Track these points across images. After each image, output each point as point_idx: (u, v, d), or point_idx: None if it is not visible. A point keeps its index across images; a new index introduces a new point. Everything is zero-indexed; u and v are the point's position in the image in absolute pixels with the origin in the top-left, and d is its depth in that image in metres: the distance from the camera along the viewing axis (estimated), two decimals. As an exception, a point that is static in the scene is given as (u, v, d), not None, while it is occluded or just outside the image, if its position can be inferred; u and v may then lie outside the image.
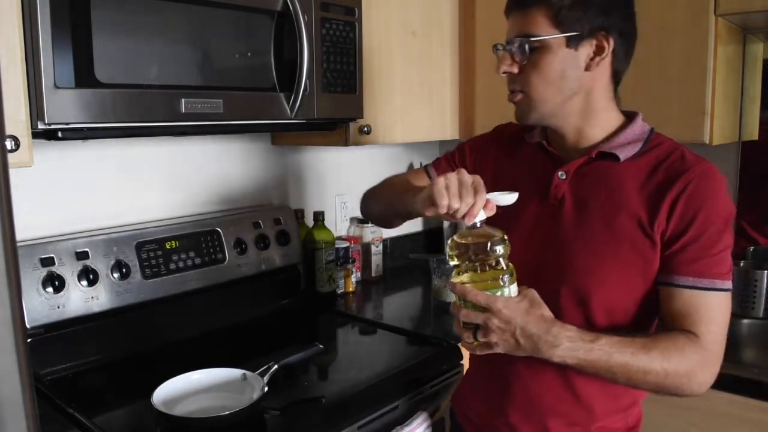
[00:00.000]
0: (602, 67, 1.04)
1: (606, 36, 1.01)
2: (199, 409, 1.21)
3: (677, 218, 0.99)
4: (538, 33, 1.01)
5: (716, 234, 0.99)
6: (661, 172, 1.02)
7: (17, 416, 0.57)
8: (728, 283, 1.00)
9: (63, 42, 1.06)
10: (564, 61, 1.01)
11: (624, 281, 1.03)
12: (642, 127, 1.08)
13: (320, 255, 1.89)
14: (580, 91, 1.04)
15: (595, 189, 1.06)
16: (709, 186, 1.00)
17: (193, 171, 1.75)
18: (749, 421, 1.39)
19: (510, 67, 1.05)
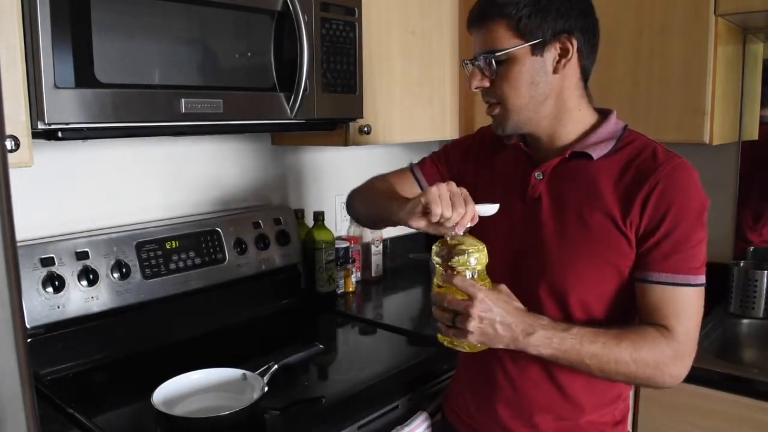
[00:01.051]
0: (570, 68, 1.06)
1: (568, 37, 1.03)
2: (199, 409, 1.21)
3: (649, 215, 1.01)
4: (502, 46, 1.03)
5: (688, 229, 1.01)
6: (633, 170, 1.04)
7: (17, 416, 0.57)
8: (701, 277, 1.03)
9: (63, 42, 1.06)
10: (532, 68, 1.04)
11: (600, 277, 1.06)
12: (615, 125, 1.10)
13: (320, 255, 1.89)
14: (551, 95, 1.06)
15: (570, 188, 1.08)
16: (679, 181, 1.02)
17: (193, 171, 1.75)
18: (749, 421, 1.39)
19: (481, 82, 1.08)
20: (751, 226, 1.99)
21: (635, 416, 1.55)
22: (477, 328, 0.98)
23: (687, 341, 1.02)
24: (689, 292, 1.02)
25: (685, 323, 1.02)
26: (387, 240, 2.26)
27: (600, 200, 1.05)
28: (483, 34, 1.06)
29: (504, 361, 1.12)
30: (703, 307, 1.04)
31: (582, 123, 1.10)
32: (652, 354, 1.00)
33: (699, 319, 1.04)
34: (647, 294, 1.03)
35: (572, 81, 1.07)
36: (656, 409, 1.52)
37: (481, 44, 1.07)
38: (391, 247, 2.29)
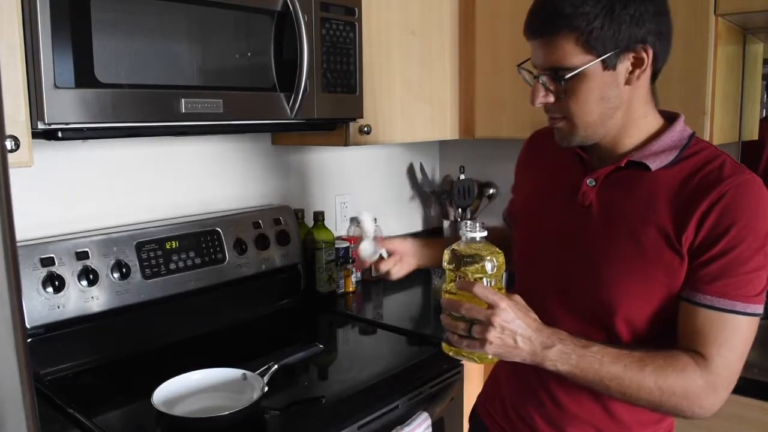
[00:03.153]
0: (643, 76, 0.98)
1: (644, 46, 0.94)
2: (199, 409, 1.21)
3: (706, 231, 0.93)
4: (571, 63, 0.94)
5: (749, 252, 0.92)
6: (695, 182, 0.96)
7: (17, 416, 0.57)
8: (754, 306, 0.93)
9: (63, 42, 1.06)
10: (603, 84, 0.95)
11: (648, 295, 0.99)
12: (681, 132, 1.01)
13: (320, 255, 1.89)
14: (621, 106, 0.99)
15: (622, 198, 1.01)
16: (747, 198, 0.93)
17: (193, 171, 1.75)
18: (749, 421, 1.39)
19: (545, 98, 1.00)
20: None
21: (635, 416, 1.55)
22: (498, 338, 0.92)
23: (725, 373, 0.94)
24: (736, 321, 0.93)
25: (726, 354, 0.93)
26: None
27: (655, 214, 0.97)
28: (546, 47, 0.96)
29: (544, 370, 1.02)
30: (751, 338, 0.95)
31: (646, 130, 1.02)
32: (680, 383, 0.93)
33: (743, 352, 0.95)
34: (689, 316, 0.95)
35: (643, 89, 1.00)
36: (656, 409, 1.52)
37: (544, 57, 0.97)
38: (391, 247, 2.29)
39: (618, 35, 0.92)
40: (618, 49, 0.93)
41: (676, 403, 0.94)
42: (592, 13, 0.91)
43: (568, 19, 0.92)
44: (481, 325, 0.93)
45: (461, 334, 0.96)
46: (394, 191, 2.38)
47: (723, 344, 0.93)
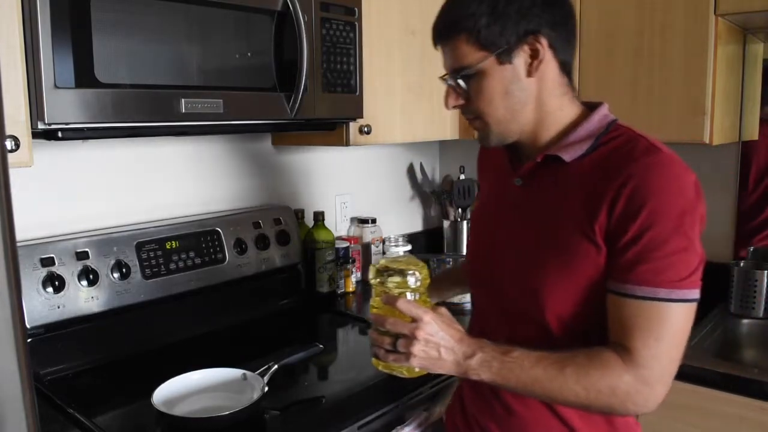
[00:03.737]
0: (545, 68, 0.98)
1: (536, 37, 0.95)
2: (199, 409, 1.21)
3: (618, 216, 0.91)
4: (468, 62, 0.97)
5: (664, 234, 0.89)
6: (605, 168, 0.94)
7: (17, 416, 0.57)
8: (681, 292, 0.89)
9: (63, 42, 1.06)
10: (503, 78, 0.97)
11: (573, 289, 0.97)
12: (600, 121, 1.01)
13: (320, 255, 1.89)
14: (530, 100, 0.99)
15: (541, 194, 1.02)
16: (656, 178, 0.90)
17: (193, 171, 1.75)
18: (749, 421, 1.39)
19: (456, 101, 1.03)
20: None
21: (635, 416, 1.55)
22: (422, 351, 0.94)
23: (655, 366, 0.90)
24: (662, 309, 0.89)
25: (653, 345, 0.90)
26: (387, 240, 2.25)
27: (569, 205, 0.96)
28: (448, 51, 1.00)
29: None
30: (685, 326, 0.92)
31: (563, 123, 1.02)
32: (605, 380, 0.90)
33: (677, 341, 0.91)
34: (614, 308, 0.93)
35: (550, 81, 0.99)
36: (656, 409, 1.52)
37: (448, 62, 1.01)
38: (391, 247, 2.29)
39: (505, 30, 0.95)
40: (509, 44, 0.95)
41: (606, 401, 0.92)
42: (477, 13, 0.94)
43: (458, 22, 0.96)
44: (406, 339, 0.95)
45: (387, 348, 0.97)
46: (394, 191, 2.38)
47: (649, 335, 0.90)
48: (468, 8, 0.95)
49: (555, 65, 0.99)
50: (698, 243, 0.93)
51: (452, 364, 0.96)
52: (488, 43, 0.95)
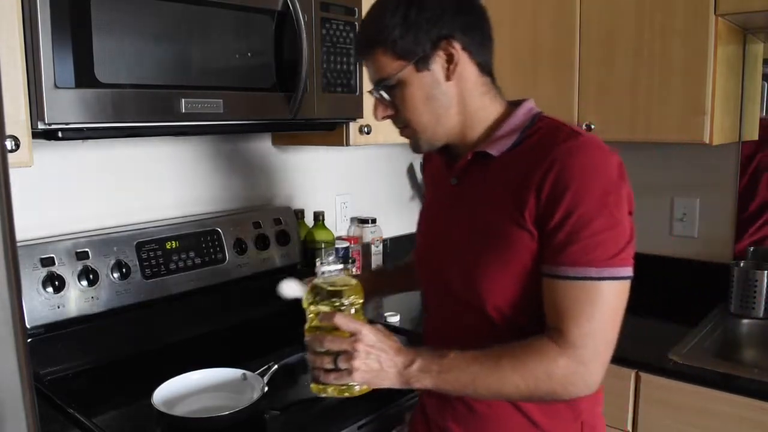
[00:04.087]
0: (463, 70, 1.01)
1: (449, 42, 0.98)
2: (199, 409, 1.21)
3: (545, 200, 0.93)
4: (388, 73, 1.00)
5: (589, 214, 0.90)
6: (531, 156, 0.97)
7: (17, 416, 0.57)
8: (611, 270, 0.91)
9: (63, 42, 1.06)
10: (423, 85, 1.00)
11: (511, 278, 0.98)
12: (525, 115, 1.04)
13: (320, 255, 1.89)
14: (453, 103, 1.02)
15: (475, 190, 1.04)
16: (579, 160, 0.92)
17: (193, 171, 1.75)
18: (749, 421, 1.39)
19: (385, 112, 1.06)
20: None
21: (635, 416, 1.55)
22: (363, 364, 0.94)
23: (589, 345, 0.91)
24: (593, 288, 0.91)
25: (585, 324, 0.91)
26: (387, 240, 2.25)
27: (500, 197, 0.99)
28: (370, 65, 1.03)
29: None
30: (617, 305, 0.93)
31: (488, 121, 1.05)
32: (540, 366, 0.91)
33: (609, 320, 0.92)
34: (548, 292, 0.94)
35: (470, 82, 1.02)
36: (656, 409, 1.52)
37: (371, 75, 1.04)
38: (391, 247, 2.29)
39: (419, 39, 0.97)
40: (425, 51, 0.98)
41: (546, 387, 0.92)
42: (391, 26, 0.97)
43: (374, 37, 1.00)
44: (346, 354, 0.95)
45: (327, 367, 0.97)
46: (394, 191, 2.38)
47: (580, 315, 0.91)
48: (381, 22, 0.99)
49: (473, 67, 1.02)
50: (627, 222, 0.95)
51: (394, 375, 0.96)
52: (404, 52, 0.98)
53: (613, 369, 1.56)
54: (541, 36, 1.93)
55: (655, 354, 1.56)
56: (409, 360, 0.96)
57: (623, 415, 1.56)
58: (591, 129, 1.84)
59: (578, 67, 1.86)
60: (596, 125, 1.84)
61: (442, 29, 0.98)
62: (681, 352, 1.55)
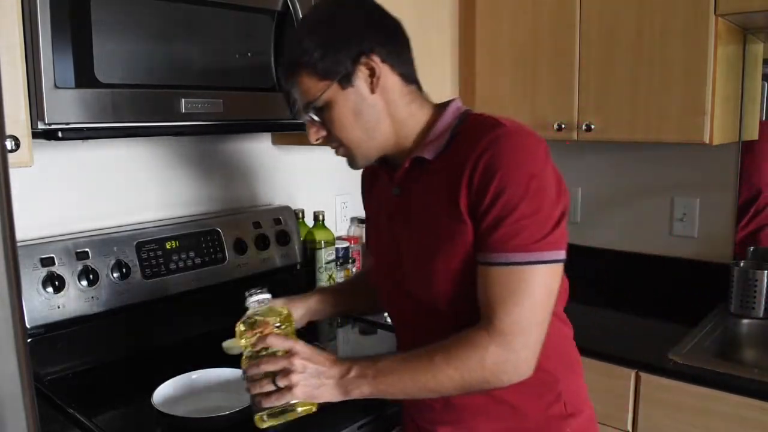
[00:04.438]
0: (386, 82, 1.03)
1: (368, 56, 1.00)
2: (199, 409, 1.21)
3: (475, 188, 0.95)
4: (314, 94, 1.01)
5: (515, 200, 0.92)
6: (462, 149, 0.99)
7: (17, 416, 0.57)
8: (537, 254, 0.92)
9: (63, 42, 1.06)
10: (349, 101, 1.02)
11: (465, 279, 0.99)
12: (453, 114, 1.06)
13: (320, 255, 1.89)
14: (381, 116, 1.04)
15: (416, 195, 1.06)
16: (507, 147, 0.94)
17: (193, 171, 1.75)
18: (749, 421, 1.39)
19: (318, 133, 1.07)
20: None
21: (635, 416, 1.55)
22: (302, 378, 0.96)
23: (516, 329, 0.91)
24: (518, 272, 0.92)
25: (512, 309, 0.91)
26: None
27: (438, 197, 1.01)
28: (296, 90, 1.05)
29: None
30: (545, 289, 0.93)
31: (418, 127, 1.07)
32: (472, 356, 0.92)
33: (536, 305, 0.93)
34: (480, 280, 0.95)
35: (395, 92, 1.04)
36: (656, 409, 1.52)
37: (299, 100, 1.06)
38: (391, 247, 2.29)
39: (339, 57, 0.99)
40: (347, 69, 1.00)
41: (479, 377, 0.93)
42: (310, 48, 0.99)
43: (296, 62, 1.01)
44: (284, 371, 0.96)
45: (267, 390, 0.97)
46: (394, 191, 2.38)
47: (507, 299, 0.92)
48: (300, 46, 1.00)
49: (395, 78, 1.04)
50: (554, 207, 0.95)
51: (333, 386, 0.98)
52: (327, 72, 1.00)
53: (613, 369, 1.57)
54: (541, 36, 1.93)
55: (655, 354, 1.56)
56: (346, 369, 0.98)
57: (623, 415, 1.56)
58: (591, 129, 1.84)
59: (578, 67, 1.86)
60: (596, 125, 1.84)
61: (360, 45, 1.00)
62: (681, 352, 1.55)
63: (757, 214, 1.97)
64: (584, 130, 1.85)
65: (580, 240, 2.26)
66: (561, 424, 1.07)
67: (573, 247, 0.98)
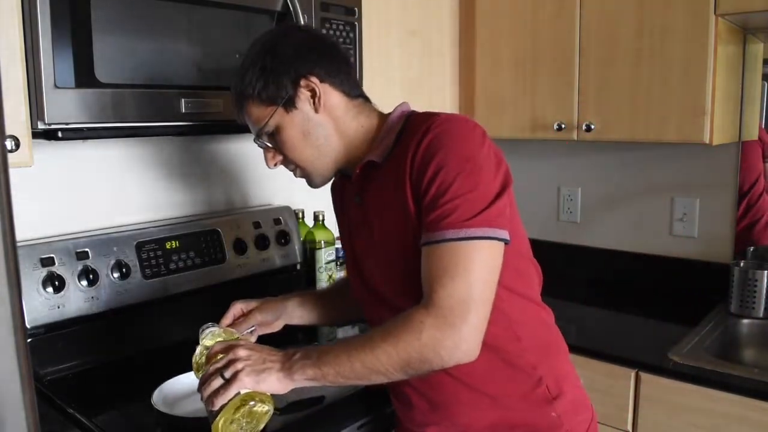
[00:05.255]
0: (328, 100, 1.06)
1: (306, 78, 1.04)
2: (199, 409, 1.21)
3: (415, 178, 0.98)
4: (262, 120, 1.06)
5: (448, 180, 0.94)
6: (405, 141, 1.03)
7: (17, 416, 0.57)
8: (471, 230, 0.92)
9: (63, 42, 1.06)
10: (296, 124, 1.06)
11: (416, 268, 0.99)
12: (398, 117, 1.09)
13: (320, 255, 1.89)
14: (329, 133, 1.08)
15: (373, 200, 1.09)
16: (445, 132, 0.98)
17: (193, 171, 1.75)
18: (749, 421, 1.39)
19: (274, 159, 1.12)
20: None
21: (635, 416, 1.55)
22: (247, 366, 0.97)
23: (453, 305, 0.90)
24: (451, 249, 0.92)
25: (448, 284, 0.91)
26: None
27: (391, 195, 1.03)
28: (247, 119, 1.10)
29: (411, 380, 1.09)
30: (481, 265, 0.93)
31: (368, 136, 1.10)
32: (408, 330, 0.91)
33: (474, 279, 0.92)
34: (422, 261, 0.96)
35: (340, 109, 1.08)
36: (656, 409, 1.52)
37: (251, 128, 1.10)
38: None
39: (279, 83, 1.04)
40: (288, 93, 1.04)
41: (417, 353, 0.91)
42: (252, 79, 1.05)
43: (241, 93, 1.07)
44: (229, 364, 0.98)
45: (216, 386, 0.98)
46: (394, 191, 2.38)
47: (443, 274, 0.92)
48: (243, 79, 1.06)
49: (338, 94, 1.08)
50: (490, 185, 0.96)
51: (278, 369, 0.97)
52: (271, 99, 1.05)
53: (613, 369, 1.57)
54: (541, 36, 1.93)
55: (655, 354, 1.56)
56: (290, 353, 0.99)
57: (623, 415, 1.56)
58: (591, 129, 1.84)
59: (578, 67, 1.86)
60: (596, 125, 1.84)
61: (298, 69, 1.04)
62: (681, 352, 1.55)
63: (749, 208, 1.97)
64: (584, 130, 1.85)
65: (580, 240, 2.26)
66: (546, 408, 1.07)
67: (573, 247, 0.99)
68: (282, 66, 1.04)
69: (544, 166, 2.33)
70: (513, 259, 1.02)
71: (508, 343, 1.05)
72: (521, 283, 1.08)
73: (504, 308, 1.02)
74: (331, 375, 0.96)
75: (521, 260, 1.08)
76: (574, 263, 2.23)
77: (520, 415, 1.07)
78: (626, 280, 2.17)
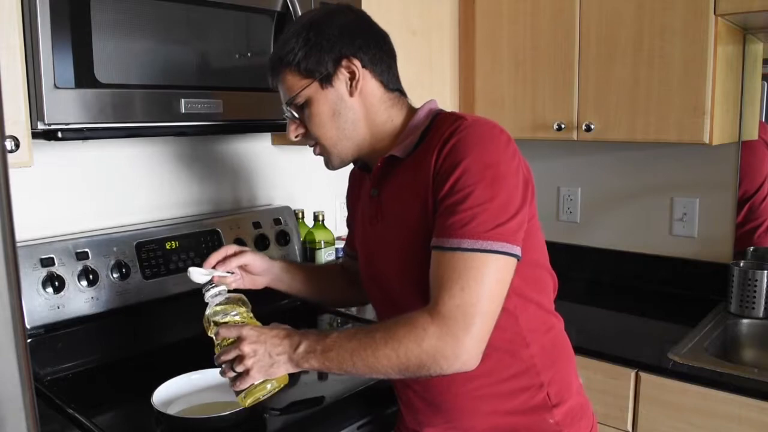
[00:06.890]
0: (365, 86, 1.06)
1: (350, 60, 1.04)
2: (199, 409, 1.21)
3: (438, 181, 0.97)
4: (295, 91, 1.06)
5: (470, 187, 0.93)
6: (429, 146, 1.02)
7: (17, 416, 0.57)
8: (488, 243, 0.91)
9: (63, 42, 1.06)
10: (328, 101, 1.06)
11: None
12: (426, 115, 1.09)
13: (320, 255, 1.89)
14: (359, 118, 1.08)
15: (392, 195, 1.08)
16: (470, 136, 0.97)
17: (193, 171, 1.75)
18: (749, 421, 1.39)
19: (297, 130, 1.11)
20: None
21: (635, 416, 1.55)
22: (254, 362, 0.99)
23: (458, 315, 0.90)
24: (465, 259, 0.91)
25: (457, 294, 0.90)
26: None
27: (412, 192, 1.03)
28: (280, 87, 1.09)
29: (412, 383, 1.10)
30: (493, 279, 0.92)
31: (396, 130, 1.10)
32: (410, 336, 0.91)
33: (483, 293, 0.91)
34: (430, 264, 0.96)
35: (375, 97, 1.08)
36: (656, 409, 1.52)
37: (282, 96, 1.10)
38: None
39: (322, 58, 1.04)
40: (328, 70, 1.04)
41: (416, 357, 0.91)
42: (295, 48, 1.04)
43: (281, 59, 1.06)
44: (238, 359, 1.01)
45: (231, 377, 1.03)
46: (394, 191, 2.38)
47: (454, 285, 0.91)
48: (287, 45, 1.05)
49: (375, 83, 1.08)
50: (512, 198, 0.96)
51: (285, 361, 1.00)
52: (309, 71, 1.04)
53: (613, 369, 1.57)
54: (541, 36, 1.93)
55: (655, 354, 1.56)
56: (296, 343, 0.99)
57: (623, 415, 1.56)
58: (591, 129, 1.84)
59: (578, 67, 1.86)
60: (596, 125, 1.84)
61: (342, 49, 1.04)
62: (681, 352, 1.55)
63: (751, 212, 1.97)
64: (584, 130, 1.85)
65: (580, 240, 2.26)
66: (544, 415, 1.07)
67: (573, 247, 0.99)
68: (327, 42, 1.03)
69: (543, 166, 2.33)
70: (528, 268, 1.02)
71: (516, 348, 1.05)
72: (535, 290, 1.07)
73: (515, 314, 1.03)
74: (334, 369, 0.98)
75: (536, 269, 1.08)
76: (573, 263, 2.23)
77: (519, 419, 1.07)
78: (626, 280, 2.17)
